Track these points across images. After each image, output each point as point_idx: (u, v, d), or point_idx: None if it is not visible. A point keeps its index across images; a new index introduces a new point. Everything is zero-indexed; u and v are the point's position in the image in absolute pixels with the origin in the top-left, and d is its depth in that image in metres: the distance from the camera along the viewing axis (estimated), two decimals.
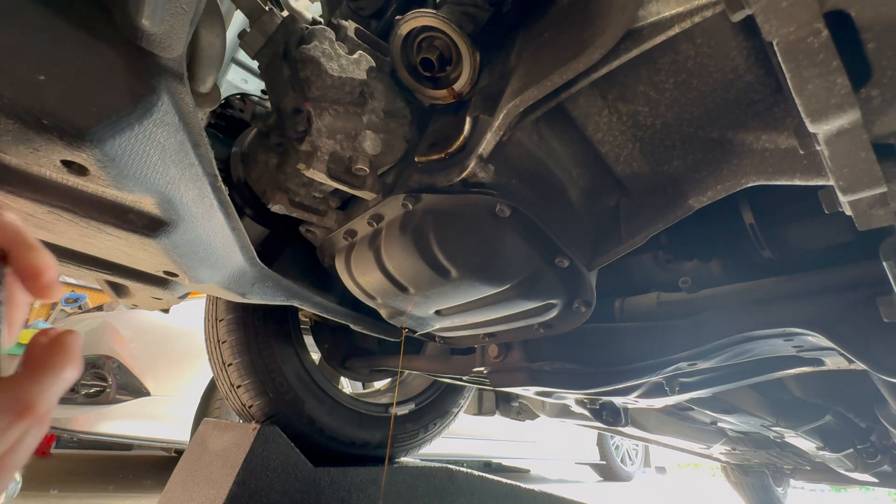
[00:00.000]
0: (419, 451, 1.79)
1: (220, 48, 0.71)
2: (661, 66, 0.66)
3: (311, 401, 1.41)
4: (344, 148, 0.81)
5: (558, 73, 0.60)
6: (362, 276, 0.91)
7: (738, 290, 0.90)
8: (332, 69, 0.79)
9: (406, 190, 0.79)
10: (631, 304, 1.06)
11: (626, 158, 0.78)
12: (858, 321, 0.72)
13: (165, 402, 2.60)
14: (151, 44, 0.49)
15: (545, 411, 1.88)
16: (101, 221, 0.63)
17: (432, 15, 0.73)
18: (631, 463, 5.74)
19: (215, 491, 1.15)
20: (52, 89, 0.46)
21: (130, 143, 0.52)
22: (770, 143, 0.63)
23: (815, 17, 0.40)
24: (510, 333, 1.04)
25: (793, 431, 1.52)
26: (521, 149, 0.74)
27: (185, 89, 0.53)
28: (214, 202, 0.68)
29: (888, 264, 0.59)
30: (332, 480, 1.33)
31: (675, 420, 1.85)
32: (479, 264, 0.78)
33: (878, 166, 0.46)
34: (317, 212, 0.94)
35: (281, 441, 1.25)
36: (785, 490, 3.41)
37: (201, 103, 0.72)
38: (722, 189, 0.68)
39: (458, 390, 1.89)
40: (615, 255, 0.79)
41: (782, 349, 0.88)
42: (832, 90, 0.42)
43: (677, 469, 10.88)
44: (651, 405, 1.30)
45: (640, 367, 0.96)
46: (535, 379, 1.07)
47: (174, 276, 0.81)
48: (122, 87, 0.49)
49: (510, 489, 1.74)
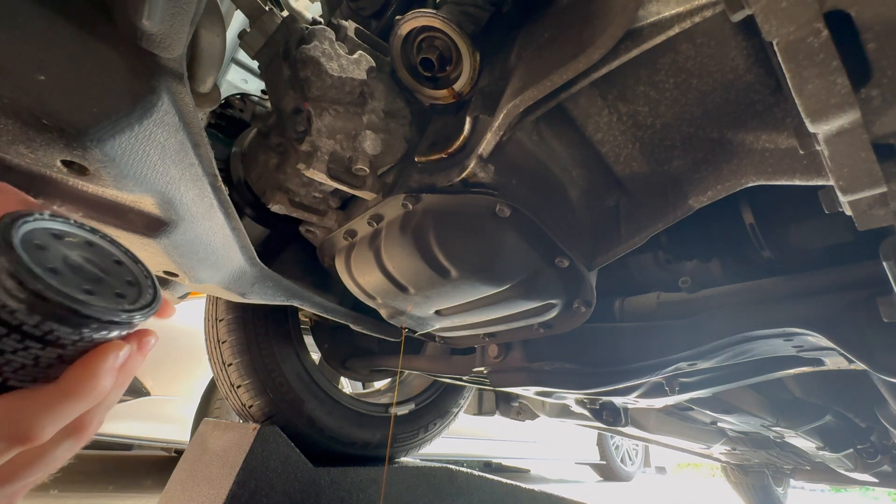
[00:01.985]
0: (419, 451, 1.79)
1: (220, 48, 0.71)
2: (661, 66, 0.66)
3: (311, 401, 1.41)
4: (344, 148, 0.81)
5: (558, 73, 0.60)
6: (362, 276, 0.91)
7: (738, 290, 0.90)
8: (332, 69, 0.78)
9: (406, 190, 0.79)
10: (631, 304, 1.06)
11: (626, 158, 0.78)
12: (858, 321, 0.72)
13: (165, 402, 2.60)
14: (151, 44, 0.49)
15: (545, 411, 1.88)
16: (101, 221, 0.63)
17: (432, 15, 0.73)
18: (631, 463, 5.74)
19: (215, 491, 1.15)
20: (52, 89, 0.46)
21: (130, 143, 0.52)
22: (770, 143, 0.63)
23: (815, 17, 0.40)
24: (510, 333, 1.04)
25: (793, 431, 1.52)
26: (521, 149, 0.74)
27: (185, 89, 0.53)
28: (214, 202, 0.68)
29: (888, 264, 0.59)
30: (332, 480, 1.33)
31: (675, 420, 1.85)
32: (479, 264, 0.78)
33: (878, 166, 0.46)
34: (317, 212, 0.94)
35: (281, 441, 1.25)
36: (785, 490, 3.41)
37: (201, 103, 0.72)
38: (722, 189, 0.68)
39: (458, 390, 1.89)
40: (615, 255, 0.79)
41: (782, 349, 0.88)
42: (832, 90, 0.42)
43: (677, 469, 10.88)
44: (651, 405, 1.30)
45: (640, 367, 0.96)
46: (535, 379, 1.07)
47: (174, 276, 0.81)
48: (122, 87, 0.49)
49: (510, 489, 1.74)
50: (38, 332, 0.25)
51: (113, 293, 0.28)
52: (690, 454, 2.51)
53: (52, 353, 0.26)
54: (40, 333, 0.25)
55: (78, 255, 0.29)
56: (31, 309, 0.24)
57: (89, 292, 0.27)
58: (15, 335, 0.24)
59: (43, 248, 0.27)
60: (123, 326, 0.28)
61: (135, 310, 0.28)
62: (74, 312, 0.25)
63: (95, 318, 0.26)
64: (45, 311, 0.24)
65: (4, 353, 0.25)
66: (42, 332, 0.25)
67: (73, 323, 0.25)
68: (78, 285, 0.27)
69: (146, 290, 0.31)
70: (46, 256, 0.26)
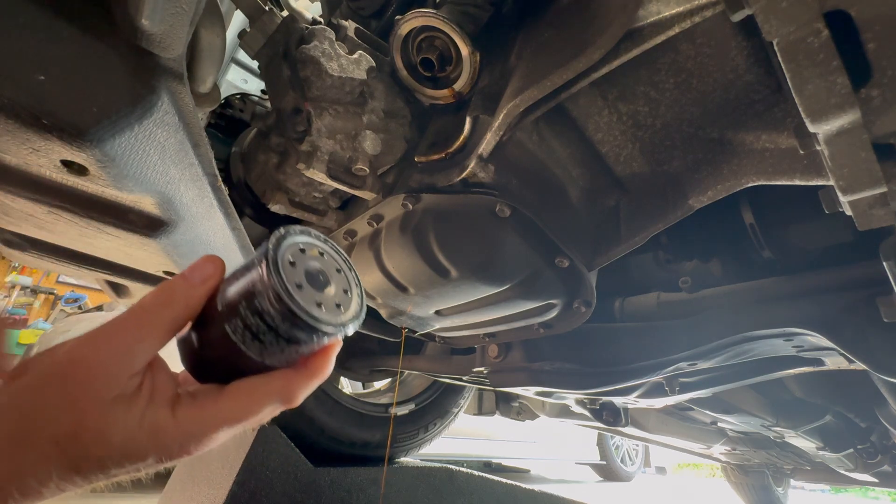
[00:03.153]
0: (419, 451, 1.79)
1: (220, 48, 0.71)
2: (662, 65, 0.66)
3: (311, 401, 1.41)
4: (344, 148, 0.81)
5: (558, 72, 0.60)
6: (362, 276, 0.91)
7: (738, 291, 0.90)
8: (332, 69, 0.78)
9: (406, 190, 0.79)
10: (631, 304, 1.06)
11: (626, 158, 0.78)
12: (858, 321, 0.72)
13: None
14: (151, 44, 0.49)
15: (545, 411, 1.88)
16: (101, 221, 0.63)
17: (432, 15, 0.73)
18: (631, 463, 5.73)
19: (215, 491, 1.15)
20: (52, 89, 0.46)
21: (130, 143, 0.52)
22: (770, 143, 0.63)
23: (815, 17, 0.40)
24: (510, 333, 1.04)
25: (793, 431, 1.52)
26: (521, 149, 0.74)
27: (185, 89, 0.53)
28: (214, 202, 0.68)
29: (888, 264, 0.59)
30: (332, 480, 1.33)
31: (675, 420, 1.85)
32: (479, 264, 0.78)
33: (878, 166, 0.46)
34: (317, 212, 0.94)
35: (281, 441, 1.25)
36: (785, 490, 3.40)
37: (201, 103, 0.72)
38: (722, 189, 0.68)
39: (458, 390, 1.89)
40: (615, 255, 0.79)
41: (782, 349, 0.88)
42: (832, 90, 0.42)
43: (677, 469, 10.88)
44: (651, 405, 1.30)
45: (640, 367, 0.96)
46: (535, 379, 1.07)
47: (174, 276, 0.81)
48: (121, 87, 0.49)
49: (510, 489, 1.74)
50: (286, 335, 0.36)
51: (334, 304, 0.38)
52: (690, 454, 2.51)
53: (294, 347, 0.37)
54: (287, 336, 0.36)
55: (314, 266, 0.39)
56: (283, 318, 0.35)
57: (319, 305, 0.37)
58: (272, 333, 0.36)
59: (293, 265, 0.37)
60: (340, 331, 0.38)
61: (347, 321, 0.38)
62: (308, 325, 0.35)
63: (324, 331, 0.36)
64: (292, 321, 0.35)
65: (266, 345, 0.36)
66: (289, 336, 0.36)
67: (308, 330, 0.36)
68: (313, 299, 0.37)
69: (355, 298, 0.41)
70: (295, 273, 0.37)
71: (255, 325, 0.35)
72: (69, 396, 0.32)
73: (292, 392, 0.38)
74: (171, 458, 0.36)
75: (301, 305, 0.35)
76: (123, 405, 0.34)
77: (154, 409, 0.35)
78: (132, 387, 0.35)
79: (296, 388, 0.39)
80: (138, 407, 0.34)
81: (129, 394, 0.34)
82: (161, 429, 0.34)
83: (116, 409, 0.33)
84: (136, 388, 0.35)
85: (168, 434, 0.35)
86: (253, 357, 0.37)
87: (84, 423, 0.32)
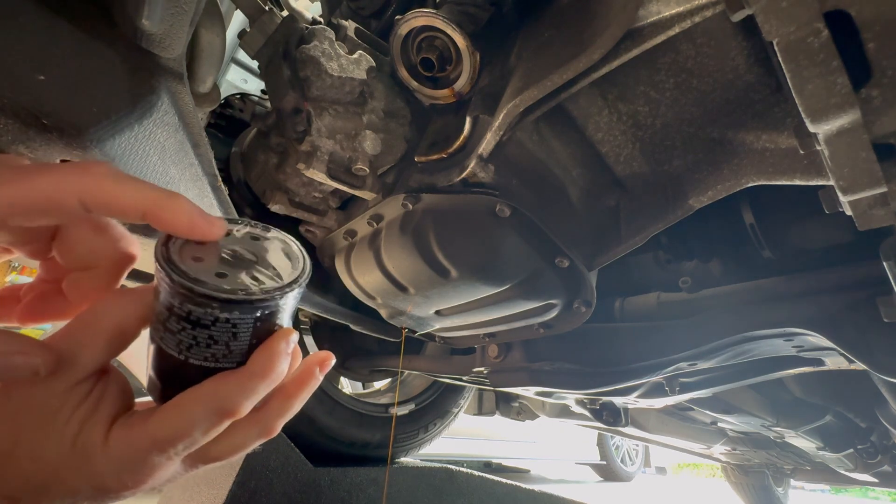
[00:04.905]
0: (419, 451, 1.79)
1: (220, 48, 0.71)
2: (662, 65, 0.66)
3: (310, 401, 1.41)
4: (344, 148, 0.81)
5: (558, 72, 0.60)
6: (362, 276, 0.91)
7: (738, 291, 0.90)
8: (332, 69, 0.78)
9: (406, 190, 0.79)
10: (631, 304, 1.06)
11: (626, 158, 0.78)
12: (859, 321, 0.72)
13: None
14: (151, 44, 0.49)
15: (545, 411, 1.88)
16: None
17: (432, 15, 0.73)
18: (631, 463, 5.73)
19: (215, 491, 1.15)
20: (52, 89, 0.46)
21: (130, 143, 0.52)
22: (770, 142, 0.63)
23: (815, 17, 0.40)
24: (510, 333, 1.04)
25: (793, 431, 1.52)
26: (521, 149, 0.74)
27: (184, 89, 0.53)
28: (214, 202, 0.68)
29: (888, 264, 0.59)
30: (332, 480, 1.33)
31: (676, 420, 1.85)
32: (479, 264, 0.78)
33: (878, 166, 0.46)
34: (316, 212, 0.94)
35: (281, 441, 1.25)
36: (785, 490, 3.40)
37: (201, 103, 0.72)
38: (722, 189, 0.68)
39: (458, 390, 1.89)
40: (615, 255, 0.79)
41: (782, 349, 0.88)
42: (832, 90, 0.42)
43: (677, 469, 10.88)
44: (651, 405, 1.30)
45: (640, 367, 0.96)
46: (536, 379, 1.06)
47: None
48: (121, 87, 0.49)
49: (510, 489, 1.74)
50: (207, 321, 0.30)
51: (250, 276, 0.32)
52: (691, 454, 2.50)
53: (223, 339, 0.31)
54: (197, 321, 0.30)
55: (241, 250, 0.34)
56: (183, 300, 0.29)
57: (221, 275, 0.31)
58: (187, 323, 0.30)
59: (198, 260, 0.32)
60: (263, 305, 0.31)
61: (277, 288, 0.32)
62: (212, 297, 0.29)
63: (228, 299, 0.30)
64: (193, 301, 0.29)
65: (196, 342, 0.31)
66: (198, 320, 0.30)
67: (217, 307, 0.30)
68: (212, 273, 0.31)
69: (291, 271, 0.34)
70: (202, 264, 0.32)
71: (170, 323, 0.31)
72: (11, 407, 0.29)
73: (227, 396, 0.31)
74: (109, 494, 0.31)
75: (192, 276, 0.29)
76: (63, 418, 0.30)
77: (91, 427, 0.30)
78: (76, 397, 0.30)
79: (231, 390, 0.31)
80: (76, 421, 0.30)
81: (73, 404, 0.30)
82: (91, 452, 0.30)
83: (56, 421, 0.29)
84: (82, 398, 0.30)
85: (97, 460, 0.30)
86: (192, 362, 0.31)
87: (20, 439, 0.29)
